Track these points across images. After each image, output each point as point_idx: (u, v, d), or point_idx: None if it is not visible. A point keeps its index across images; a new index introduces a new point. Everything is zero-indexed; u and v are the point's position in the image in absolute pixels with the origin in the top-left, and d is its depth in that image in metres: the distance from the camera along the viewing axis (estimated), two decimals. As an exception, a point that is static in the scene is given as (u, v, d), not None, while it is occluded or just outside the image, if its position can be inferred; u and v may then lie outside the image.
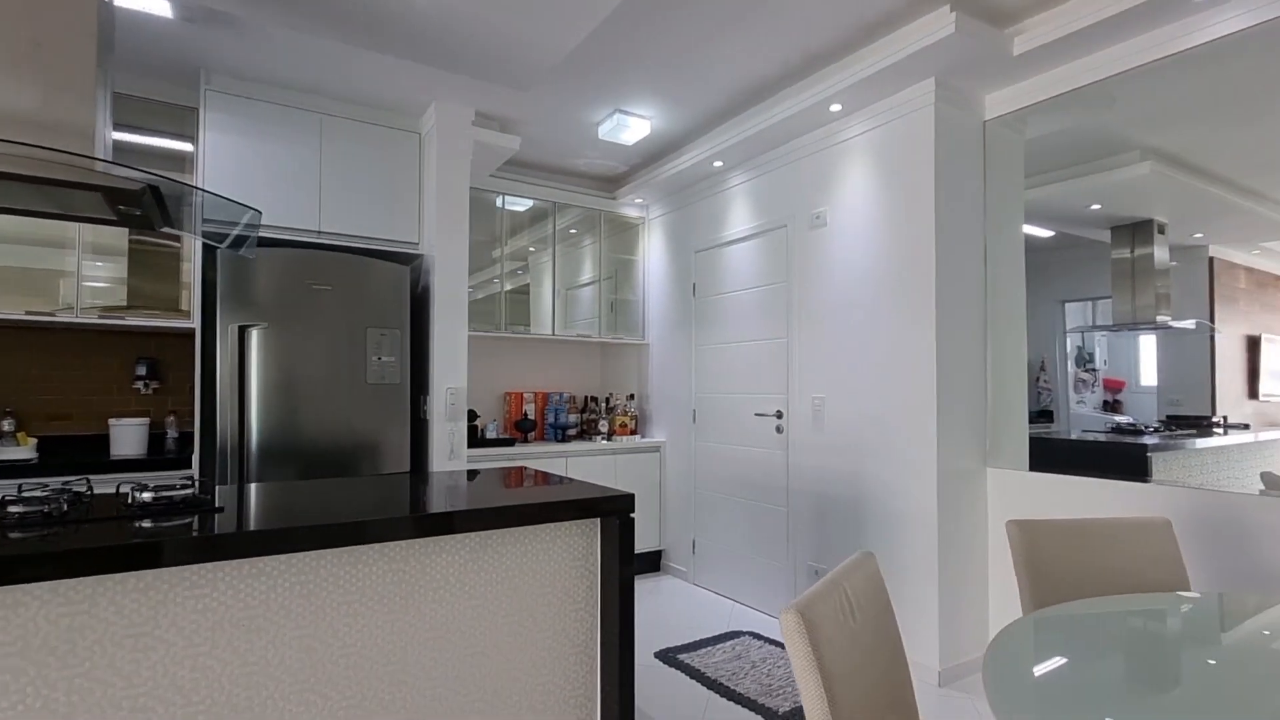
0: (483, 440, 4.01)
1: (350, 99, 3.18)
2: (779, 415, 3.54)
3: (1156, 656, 1.16)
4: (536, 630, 1.80)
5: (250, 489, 1.92)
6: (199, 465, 2.87)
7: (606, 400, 4.70)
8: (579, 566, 1.89)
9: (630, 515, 1.88)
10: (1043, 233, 5.93)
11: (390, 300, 3.14)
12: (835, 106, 2.97)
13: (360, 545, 1.54)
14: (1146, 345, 6.60)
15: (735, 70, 2.96)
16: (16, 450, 2.78)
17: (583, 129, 3.67)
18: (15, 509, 1.41)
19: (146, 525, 1.38)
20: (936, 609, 2.71)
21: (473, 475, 2.25)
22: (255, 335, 2.83)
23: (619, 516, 1.86)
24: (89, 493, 1.64)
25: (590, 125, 3.61)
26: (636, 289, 4.78)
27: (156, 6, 2.41)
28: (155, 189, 1.52)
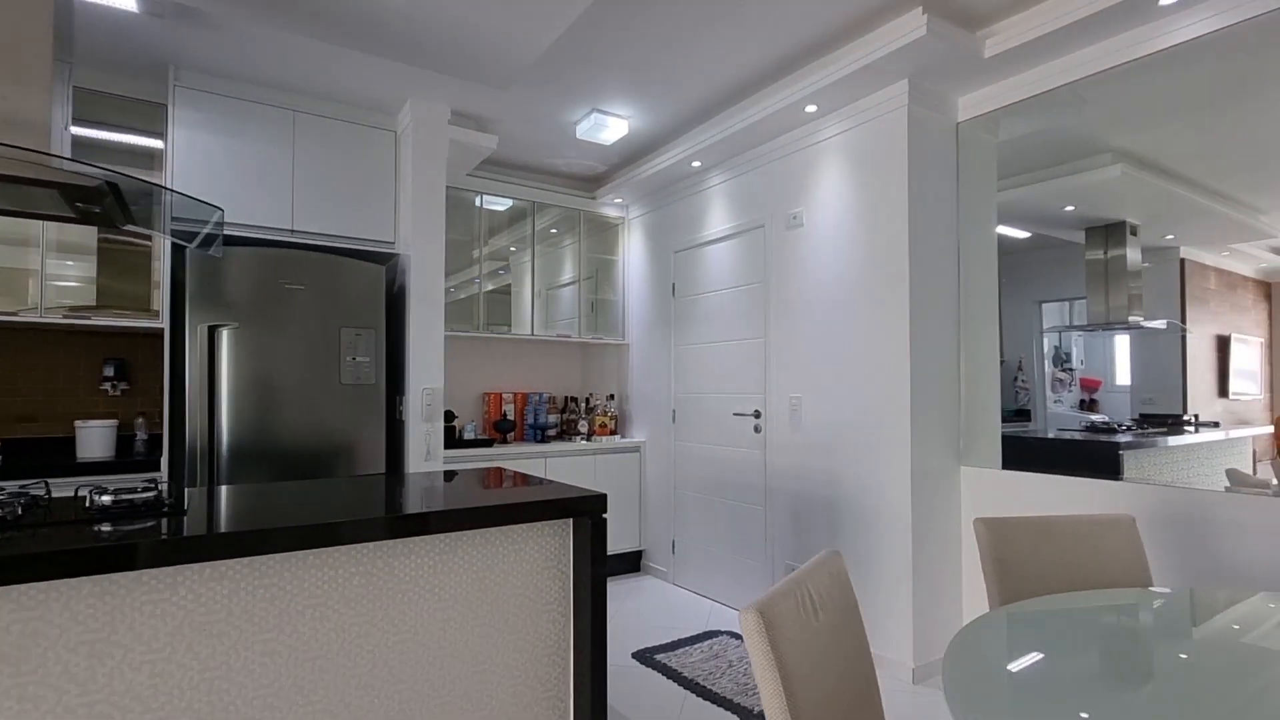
0: (461, 441, 3.98)
1: (324, 96, 3.14)
2: (757, 415, 3.55)
3: (1123, 652, 1.17)
4: (508, 631, 1.79)
5: (217, 491, 1.89)
6: (168, 468, 2.83)
7: (586, 401, 4.69)
8: (551, 567, 1.88)
9: (602, 515, 1.87)
10: (1019, 234, 5.99)
11: (365, 300, 3.11)
12: (811, 107, 2.99)
13: (326, 548, 1.52)
14: (1121, 345, 6.70)
15: (712, 71, 2.96)
16: (-22, 453, 2.72)
17: (561, 128, 3.66)
18: (-33, 513, 1.38)
19: (105, 529, 1.35)
20: (910, 606, 2.73)
21: (449, 476, 2.24)
22: (226, 335, 2.79)
23: (591, 517, 1.86)
24: (46, 496, 1.61)
25: (568, 124, 3.60)
26: (617, 289, 4.77)
27: (120, 0, 2.36)
28: (115, 186, 1.49)
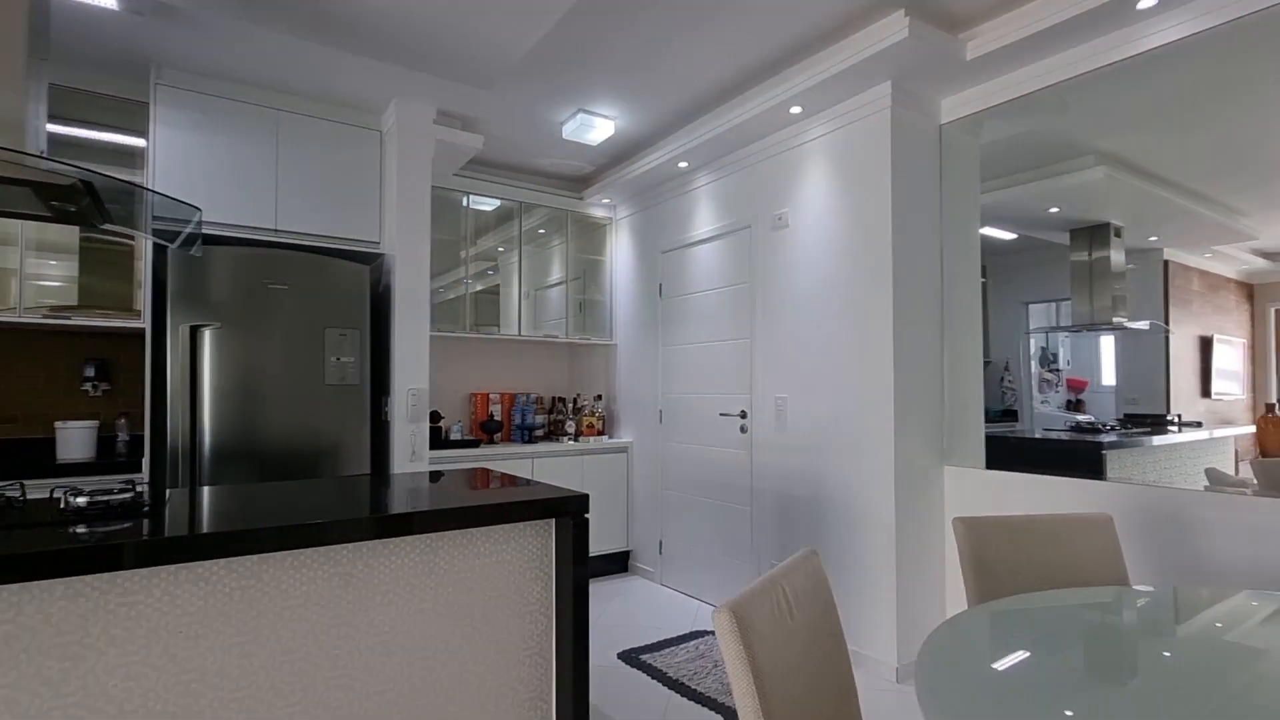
0: (447, 442, 3.97)
1: (308, 95, 3.13)
2: (743, 415, 3.56)
3: (1103, 650, 1.19)
4: (490, 632, 1.79)
5: (197, 492, 1.87)
6: (150, 469, 2.80)
7: (574, 401, 4.68)
8: (533, 568, 1.88)
9: (584, 515, 1.87)
10: (1005, 235, 6.04)
11: (350, 300, 3.10)
12: (795, 109, 3.00)
13: (305, 549, 1.51)
14: (1107, 346, 6.76)
15: (697, 72, 2.97)
16: (-45, 455, 2.68)
17: (547, 128, 3.66)
18: (-62, 515, 1.36)
19: (80, 531, 1.34)
20: (894, 605, 2.74)
21: (434, 477, 2.23)
22: (208, 335, 2.77)
23: (573, 516, 1.86)
24: (21, 498, 1.59)
25: (554, 125, 3.60)
26: (604, 289, 4.77)
27: (101, -2, 2.35)
28: (90, 185, 1.48)
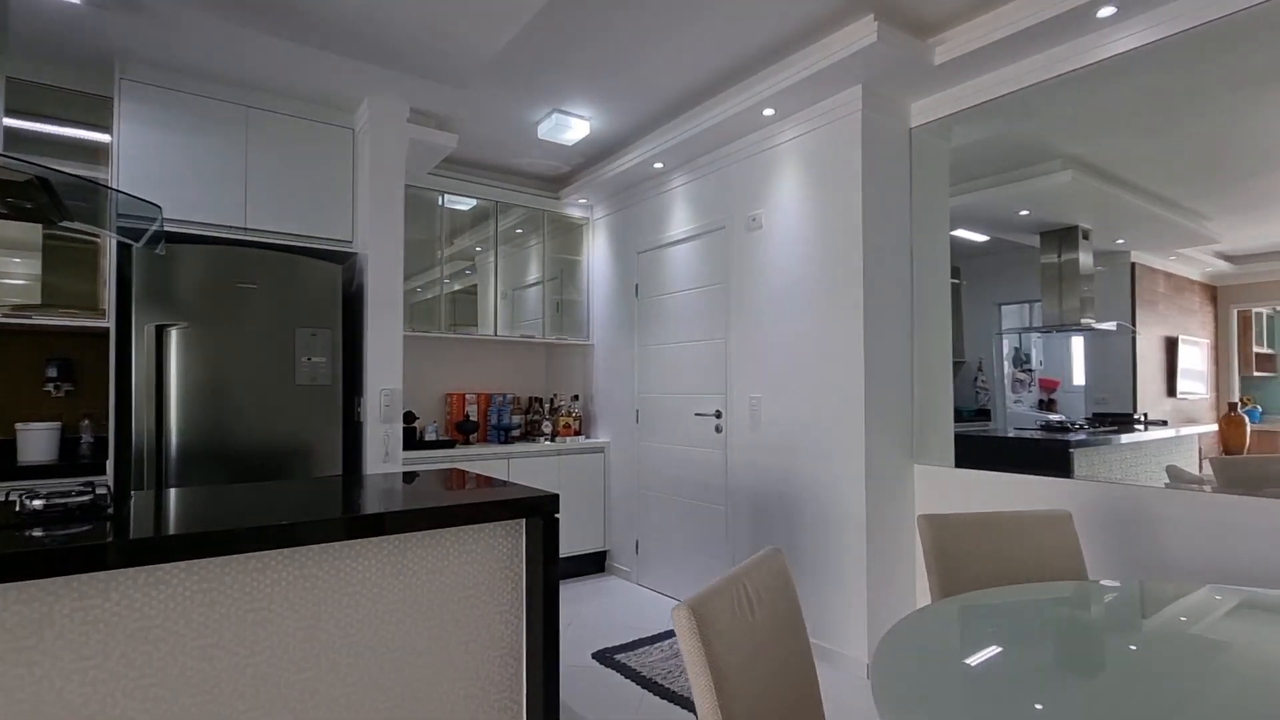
0: (421, 442, 3.94)
1: (278, 92, 3.09)
2: (718, 415, 3.58)
3: (1062, 643, 1.21)
4: (459, 632, 1.78)
5: (160, 494, 1.84)
6: (114, 471, 2.75)
7: (551, 401, 4.68)
8: (503, 568, 1.88)
9: (554, 515, 1.88)
10: (978, 237, 6.14)
11: (321, 299, 3.07)
12: (768, 111, 3.02)
13: (269, 550, 1.50)
14: (1078, 346, 6.88)
15: (671, 73, 2.98)
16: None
17: (522, 128, 3.65)
18: (-114, 519, 1.33)
19: (35, 534, 1.31)
20: (865, 602, 2.78)
21: (407, 478, 2.21)
22: (175, 335, 2.72)
23: (543, 516, 1.86)
24: (-25, 501, 1.56)
25: (530, 124, 3.59)
26: (581, 289, 4.77)
27: (63, -10, 2.30)
28: (45, 181, 1.45)
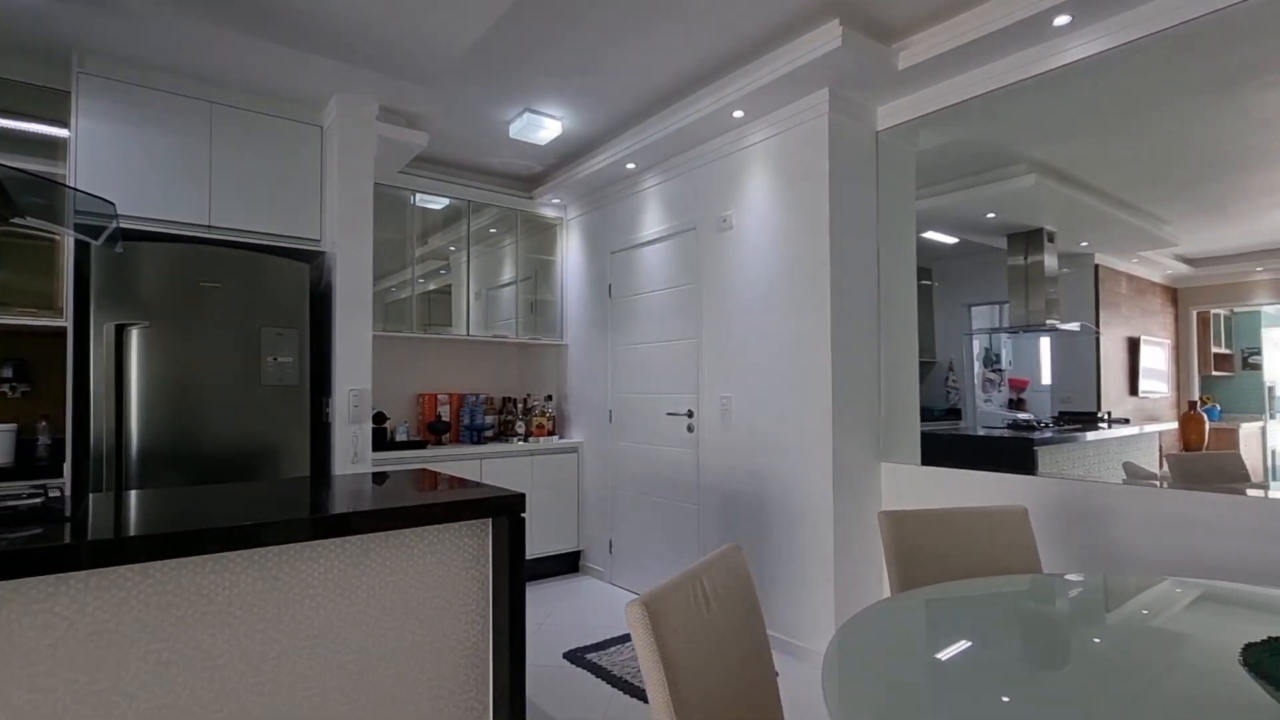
0: (392, 443, 3.91)
1: (243, 88, 3.04)
2: (690, 415, 3.60)
3: (1015, 636, 1.24)
4: (424, 633, 1.78)
5: (118, 497, 1.81)
6: (72, 474, 2.69)
7: (524, 401, 4.66)
8: (469, 568, 1.87)
9: (520, 515, 1.87)
10: (948, 239, 6.24)
11: (288, 299, 3.02)
12: (738, 113, 3.05)
13: (226, 552, 1.48)
14: (1046, 347, 7.01)
15: (642, 75, 2.99)
16: None
17: (494, 127, 3.63)
18: None
19: (-20, 538, 1.28)
20: (832, 598, 2.81)
21: (377, 478, 2.19)
22: (135, 335, 2.67)
23: (509, 516, 1.86)
24: (-80, 505, 1.52)
25: (501, 124, 3.58)
26: (555, 289, 4.76)
27: (16, -18, 2.24)
28: (-6, 177, 1.42)
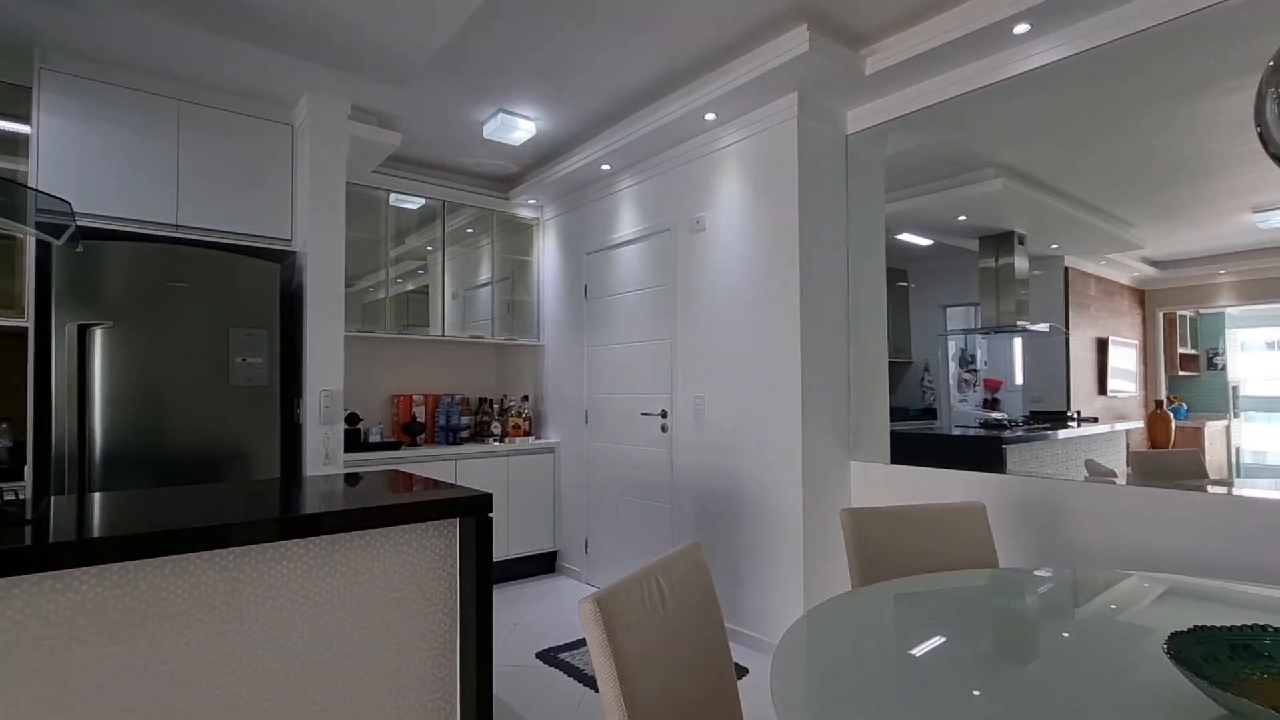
0: (366, 444, 3.89)
1: (211, 86, 3.01)
2: (664, 415, 3.62)
3: (975, 631, 1.27)
4: (391, 635, 1.77)
5: (81, 499, 1.79)
6: (33, 477, 2.64)
7: (500, 402, 4.66)
8: (436, 568, 1.87)
9: (488, 515, 1.88)
10: (923, 241, 6.33)
11: (258, 299, 3.00)
12: (710, 115, 3.08)
13: (186, 554, 1.47)
14: (1019, 347, 7.13)
15: (615, 77, 3.01)
16: None
17: (468, 128, 3.63)
18: None
19: (-69, 541, 1.27)
20: (802, 594, 2.85)
21: (347, 479, 2.19)
22: (99, 335, 2.63)
23: (476, 516, 1.86)
24: None
25: (475, 124, 3.58)
26: (532, 290, 4.76)
27: (-26, -24, 2.21)
28: (-54, 175, 1.40)
